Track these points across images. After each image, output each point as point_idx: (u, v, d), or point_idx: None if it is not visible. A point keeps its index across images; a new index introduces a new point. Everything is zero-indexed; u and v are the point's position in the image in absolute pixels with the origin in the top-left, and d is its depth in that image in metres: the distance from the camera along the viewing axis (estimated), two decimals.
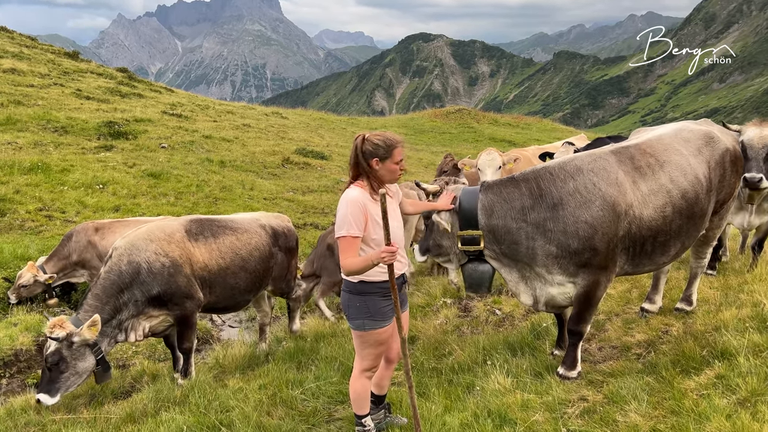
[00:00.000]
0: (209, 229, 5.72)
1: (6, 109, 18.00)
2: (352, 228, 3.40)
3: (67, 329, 4.73)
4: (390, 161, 3.51)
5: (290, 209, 14.75)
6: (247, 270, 5.83)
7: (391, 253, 3.26)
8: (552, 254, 4.16)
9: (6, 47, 25.56)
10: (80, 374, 4.87)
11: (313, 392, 4.71)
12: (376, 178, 3.55)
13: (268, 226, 6.21)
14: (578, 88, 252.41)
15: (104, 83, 25.36)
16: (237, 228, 5.91)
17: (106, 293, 5.03)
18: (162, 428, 4.19)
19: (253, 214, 6.44)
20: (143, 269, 5.15)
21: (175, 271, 5.26)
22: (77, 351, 4.79)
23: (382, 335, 3.62)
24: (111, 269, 5.12)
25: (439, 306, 6.94)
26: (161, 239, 5.34)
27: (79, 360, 4.82)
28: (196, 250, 5.51)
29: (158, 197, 13.70)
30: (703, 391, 3.77)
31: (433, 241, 4.44)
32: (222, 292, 5.71)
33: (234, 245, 5.78)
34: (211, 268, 5.56)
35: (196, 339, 5.74)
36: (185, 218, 5.83)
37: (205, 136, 20.52)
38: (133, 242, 5.28)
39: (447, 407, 4.14)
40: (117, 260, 5.16)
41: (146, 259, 5.18)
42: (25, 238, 10.26)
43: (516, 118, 45.64)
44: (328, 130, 30.00)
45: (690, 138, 4.54)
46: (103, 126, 18.39)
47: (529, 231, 4.16)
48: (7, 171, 12.96)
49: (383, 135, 3.54)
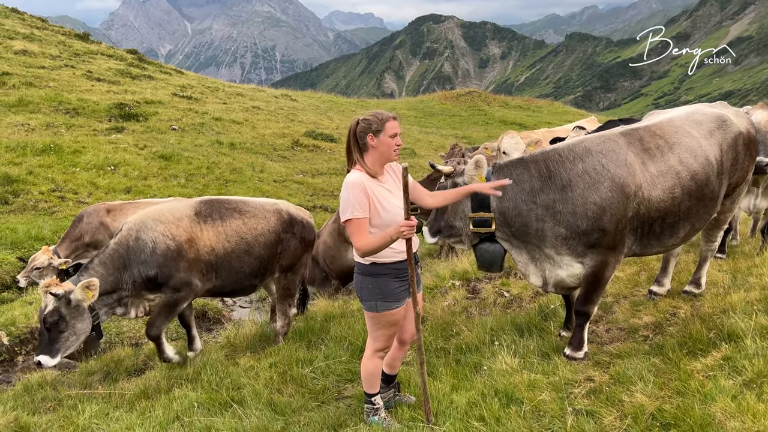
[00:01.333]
0: (218, 212, 5.66)
1: (18, 90, 18.13)
2: (356, 210, 3.43)
3: (64, 287, 4.71)
4: (383, 134, 3.52)
5: (300, 192, 14.82)
6: (252, 254, 5.74)
7: (411, 227, 3.31)
8: (561, 235, 4.18)
9: (17, 28, 25.64)
10: (78, 335, 4.81)
11: (323, 371, 4.78)
12: (373, 158, 3.57)
13: (284, 212, 6.06)
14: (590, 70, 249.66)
15: (115, 65, 25.42)
16: (245, 212, 5.82)
17: (113, 264, 5.04)
18: (175, 404, 4.28)
19: (272, 201, 6.32)
20: (148, 248, 5.13)
21: (179, 255, 5.21)
22: (75, 310, 4.74)
23: (395, 316, 3.66)
24: (120, 242, 5.15)
25: (448, 288, 6.99)
26: (170, 222, 5.32)
27: (78, 320, 4.77)
28: (204, 233, 5.46)
29: (169, 179, 13.80)
30: (709, 373, 3.80)
31: (444, 222, 4.45)
32: (227, 275, 5.65)
33: (240, 229, 5.70)
34: (217, 251, 5.51)
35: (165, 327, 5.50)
36: (196, 199, 5.80)
37: (215, 118, 20.57)
38: (143, 220, 5.29)
39: (454, 386, 4.20)
40: (126, 234, 5.19)
41: (152, 238, 5.16)
42: (38, 218, 10.40)
43: (527, 101, 45.36)
44: (337, 112, 29.95)
45: (702, 120, 4.52)
46: (114, 108, 18.48)
47: (539, 213, 4.18)
48: (20, 152, 13.09)
49: (376, 111, 3.60)
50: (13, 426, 4.24)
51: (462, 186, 4.21)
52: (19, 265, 8.51)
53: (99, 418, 4.24)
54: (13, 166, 12.28)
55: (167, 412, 4.19)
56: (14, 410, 4.52)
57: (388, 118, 3.55)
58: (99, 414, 4.30)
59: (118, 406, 4.50)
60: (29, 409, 4.65)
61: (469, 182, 4.27)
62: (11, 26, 25.74)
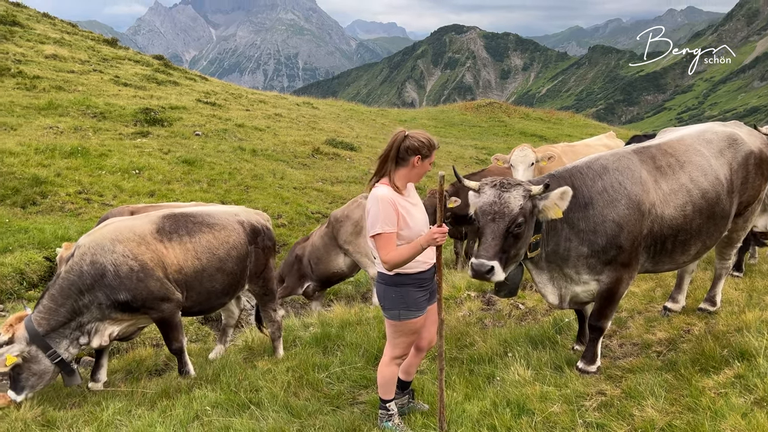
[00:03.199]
0: (184, 227, 5.21)
1: (48, 94, 18.58)
2: (386, 225, 3.53)
3: (12, 331, 4.63)
4: (428, 161, 3.67)
5: (319, 199, 14.98)
6: (224, 271, 5.35)
7: (443, 233, 3.44)
8: (583, 254, 4.21)
9: (48, 33, 26.28)
10: (39, 375, 4.74)
11: (338, 376, 4.89)
12: (406, 175, 3.67)
13: (246, 223, 5.66)
14: (613, 83, 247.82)
15: (141, 70, 25.91)
16: (214, 224, 5.38)
17: (62, 294, 4.73)
18: (195, 404, 4.41)
19: (232, 208, 5.92)
20: (109, 272, 4.75)
21: (146, 275, 4.84)
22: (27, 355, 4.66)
23: (416, 324, 3.77)
24: (71, 269, 4.77)
25: (463, 298, 7.05)
26: (130, 240, 4.89)
27: (33, 363, 4.69)
28: (170, 251, 5.04)
29: (192, 184, 14.04)
30: (720, 390, 3.83)
31: (515, 251, 3.96)
32: (198, 296, 5.28)
33: (211, 244, 5.26)
34: (186, 270, 5.11)
35: (185, 337, 5.42)
36: (158, 214, 5.32)
37: (238, 124, 20.86)
38: (98, 242, 4.85)
39: (467, 395, 4.28)
40: (79, 260, 4.78)
41: (113, 261, 4.76)
42: (65, 219, 10.67)
43: (548, 113, 45.17)
44: (357, 121, 30.16)
45: (712, 139, 4.58)
46: (139, 112, 18.84)
47: (566, 232, 4.20)
48: (48, 154, 13.42)
49: (427, 135, 3.67)
50: (40, 420, 4.40)
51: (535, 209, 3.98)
52: (46, 265, 8.76)
53: (122, 414, 4.39)
54: (42, 168, 12.60)
55: (187, 411, 4.32)
56: (40, 405, 4.68)
57: (436, 147, 3.69)
58: (122, 411, 4.45)
59: (140, 404, 4.65)
60: (55, 404, 4.82)
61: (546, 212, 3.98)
62: (42, 31, 26.38)
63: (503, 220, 3.80)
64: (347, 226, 7.86)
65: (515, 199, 3.85)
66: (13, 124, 15.29)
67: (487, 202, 3.88)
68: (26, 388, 4.70)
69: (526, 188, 3.92)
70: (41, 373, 4.75)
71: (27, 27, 25.82)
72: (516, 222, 3.81)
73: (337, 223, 7.96)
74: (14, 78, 19.12)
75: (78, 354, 5.31)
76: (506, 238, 3.82)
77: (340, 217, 8.00)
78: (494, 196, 3.89)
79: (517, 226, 3.83)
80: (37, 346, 4.68)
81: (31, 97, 17.85)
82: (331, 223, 8.11)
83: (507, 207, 3.82)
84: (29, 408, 4.54)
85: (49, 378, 4.83)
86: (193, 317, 7.41)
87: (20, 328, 4.66)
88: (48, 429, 4.26)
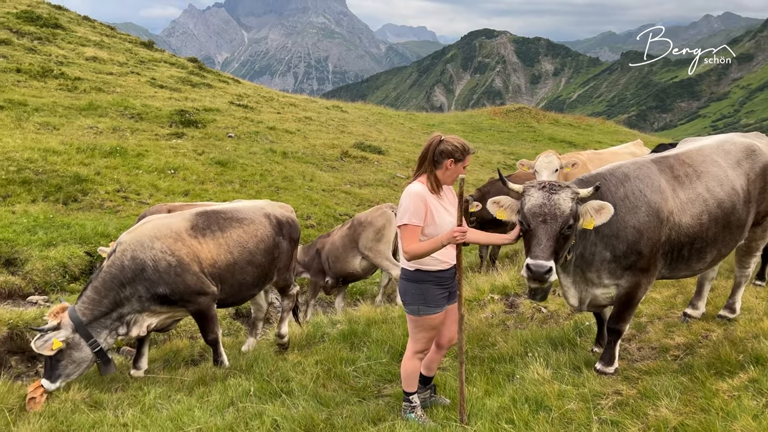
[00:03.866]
0: (216, 223, 5.50)
1: (88, 95, 19.29)
2: (413, 217, 3.78)
3: (60, 318, 4.88)
4: (461, 164, 3.91)
5: (347, 201, 15.28)
6: (254, 263, 5.63)
7: (463, 232, 3.67)
8: (606, 259, 4.36)
9: (89, 36, 27.20)
10: (78, 363, 4.97)
11: (364, 370, 5.13)
12: (438, 177, 3.91)
13: (272, 216, 5.95)
14: (646, 89, 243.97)
15: (176, 72, 26.63)
16: (243, 219, 5.68)
17: (105, 286, 5.02)
18: (230, 391, 4.71)
19: (258, 203, 6.21)
20: (148, 267, 5.04)
21: (183, 270, 5.13)
22: (70, 341, 4.90)
23: (435, 320, 4.00)
24: (113, 263, 5.07)
25: (487, 301, 7.23)
26: (167, 237, 5.18)
27: (74, 349, 4.92)
28: (204, 247, 5.32)
29: (224, 184, 14.47)
30: (734, 393, 3.96)
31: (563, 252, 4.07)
32: (230, 288, 5.55)
33: (241, 238, 5.56)
34: (219, 264, 5.40)
35: (219, 329, 5.71)
36: (191, 212, 5.65)
37: (269, 127, 21.33)
38: (138, 239, 5.16)
39: (487, 391, 4.47)
40: (120, 255, 5.08)
41: (152, 257, 5.06)
42: (104, 216, 11.14)
43: (578, 119, 44.86)
44: (386, 125, 30.46)
45: (731, 150, 4.71)
46: (175, 114, 19.42)
47: (593, 236, 4.33)
48: (89, 153, 13.98)
49: (461, 140, 3.93)
50: (87, 401, 4.74)
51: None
52: (87, 259, 9.18)
53: (162, 398, 4.69)
54: (82, 167, 13.13)
55: (223, 397, 4.61)
56: (87, 388, 5.01)
57: (470, 152, 3.93)
58: (162, 395, 4.76)
59: (179, 390, 4.95)
60: (101, 388, 5.15)
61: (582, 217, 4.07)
62: (83, 33, 27.31)
63: (556, 221, 3.86)
64: (369, 232, 8.14)
65: (565, 200, 3.92)
66: (56, 124, 15.93)
67: (536, 204, 3.93)
68: (62, 376, 4.91)
69: (574, 191, 4.01)
70: (80, 360, 5.00)
71: (68, 30, 26.77)
72: (568, 223, 3.90)
73: (360, 227, 8.23)
74: (57, 79, 19.89)
75: (116, 344, 5.63)
76: (558, 240, 3.89)
77: (363, 221, 8.26)
78: (543, 197, 3.94)
79: (568, 228, 3.92)
80: (80, 334, 4.95)
81: (73, 98, 18.55)
82: (353, 225, 8.39)
83: (558, 208, 3.88)
84: (77, 390, 4.87)
85: (86, 367, 5.08)
86: (224, 311, 7.73)
87: (65, 316, 4.96)
88: (95, 410, 4.57)
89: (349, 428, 4.04)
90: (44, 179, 12.03)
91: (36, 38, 23.58)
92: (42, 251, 8.90)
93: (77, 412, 4.49)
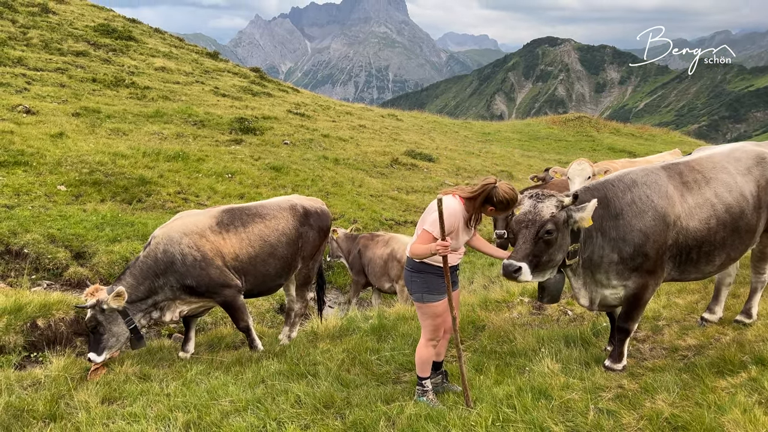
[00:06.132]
0: (239, 219, 5.92)
1: (156, 103, 20.54)
2: (435, 229, 4.20)
3: (96, 296, 5.28)
4: (502, 213, 4.34)
5: (393, 207, 15.70)
6: (276, 256, 6.02)
7: (444, 246, 4.09)
8: (613, 261, 4.61)
9: (159, 47, 28.84)
10: (117, 337, 5.40)
11: (387, 359, 5.52)
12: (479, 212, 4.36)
13: (299, 206, 6.33)
14: (718, 98, 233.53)
15: (238, 82, 27.86)
16: (266, 215, 6.07)
17: (142, 274, 5.50)
18: (262, 371, 5.21)
19: (287, 197, 6.64)
20: (177, 260, 5.50)
21: (207, 264, 5.55)
22: (110, 316, 5.32)
23: (438, 308, 4.40)
24: (148, 255, 5.55)
25: (516, 303, 7.47)
26: (194, 233, 5.61)
27: (113, 324, 5.35)
28: (227, 242, 5.72)
29: (277, 188, 15.17)
30: (731, 390, 4.12)
31: (547, 256, 4.33)
32: (254, 280, 5.97)
33: (263, 232, 5.93)
34: (242, 258, 5.79)
35: (250, 317, 6.14)
36: (218, 209, 6.09)
37: (323, 134, 22.06)
38: (169, 234, 5.62)
39: (497, 381, 4.79)
40: (154, 248, 5.56)
41: (180, 251, 5.51)
42: (165, 216, 11.96)
43: (640, 129, 43.76)
44: (440, 133, 30.77)
45: (741, 158, 4.84)
46: (235, 122, 20.41)
47: (599, 240, 4.60)
48: (153, 158, 14.98)
49: (512, 193, 4.24)
50: (138, 374, 5.34)
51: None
52: None
53: (202, 375, 5.24)
54: (147, 170, 14.11)
55: (255, 376, 5.12)
56: (139, 364, 5.62)
57: (512, 207, 4.30)
58: (202, 372, 5.31)
59: (217, 369, 5.50)
60: (150, 364, 5.75)
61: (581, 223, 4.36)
62: (153, 45, 28.99)
63: (534, 226, 4.26)
64: (395, 269, 8.70)
65: (547, 208, 4.31)
66: (125, 130, 17.11)
67: (523, 211, 4.37)
68: (106, 349, 5.34)
69: (559, 199, 4.37)
70: (118, 334, 5.41)
71: (140, 41, 28.48)
72: (545, 228, 4.24)
73: (391, 262, 8.78)
74: (128, 88, 21.28)
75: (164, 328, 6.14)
76: (536, 243, 4.24)
77: (397, 258, 8.68)
78: (529, 206, 4.38)
79: (547, 233, 4.25)
80: (117, 311, 5.39)
81: (141, 106, 19.82)
82: (388, 257, 8.87)
83: (539, 215, 4.28)
84: (130, 365, 5.48)
85: (123, 341, 5.50)
86: (268, 305, 8.28)
87: (103, 293, 5.34)
88: (144, 381, 5.16)
89: (364, 406, 4.44)
90: (113, 181, 13.02)
91: (111, 50, 25.26)
92: (107, 246, 9.71)
93: (128, 382, 5.09)
